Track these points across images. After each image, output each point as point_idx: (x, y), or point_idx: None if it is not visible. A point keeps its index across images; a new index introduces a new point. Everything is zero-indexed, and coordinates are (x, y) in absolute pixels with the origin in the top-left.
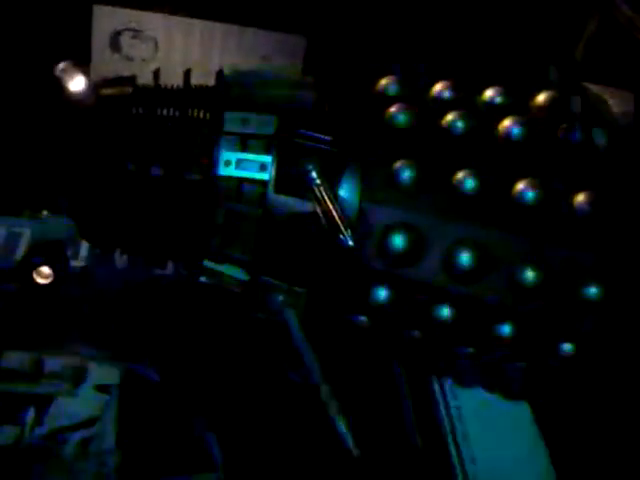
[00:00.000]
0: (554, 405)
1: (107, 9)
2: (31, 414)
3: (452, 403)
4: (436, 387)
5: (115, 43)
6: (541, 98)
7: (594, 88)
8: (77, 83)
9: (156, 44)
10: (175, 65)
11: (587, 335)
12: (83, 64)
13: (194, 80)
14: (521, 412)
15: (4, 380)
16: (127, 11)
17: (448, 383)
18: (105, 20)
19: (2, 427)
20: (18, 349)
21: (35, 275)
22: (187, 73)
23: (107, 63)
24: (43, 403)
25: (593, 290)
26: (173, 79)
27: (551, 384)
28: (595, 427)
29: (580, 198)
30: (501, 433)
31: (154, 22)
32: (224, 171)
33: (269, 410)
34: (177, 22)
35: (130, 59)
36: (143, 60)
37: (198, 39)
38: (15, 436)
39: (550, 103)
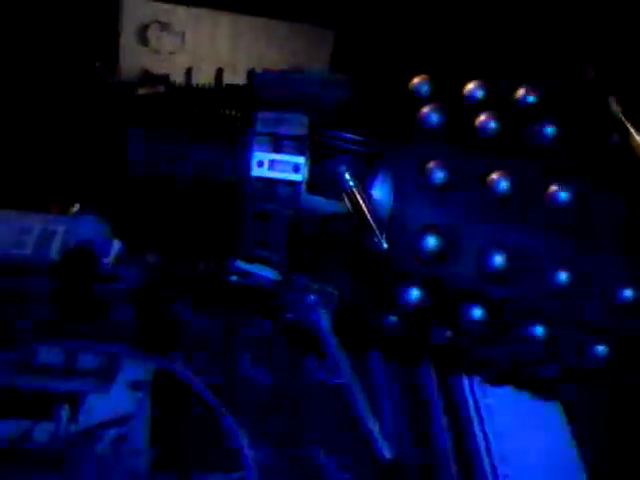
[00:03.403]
0: (586, 404)
1: (136, 2)
2: (65, 411)
3: (482, 402)
4: (466, 385)
5: (143, 36)
6: (576, 98)
7: None
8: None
9: (183, 37)
10: (202, 58)
11: (621, 337)
12: (111, 57)
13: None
14: (552, 411)
15: (38, 376)
16: (155, 4)
17: (477, 381)
18: (133, 13)
19: (38, 424)
20: (52, 346)
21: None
22: (219, 72)
23: (135, 56)
24: (77, 400)
25: (628, 293)
26: (200, 72)
27: (584, 385)
28: (627, 427)
29: (614, 201)
30: (532, 432)
31: (182, 15)
32: (257, 172)
33: (299, 410)
34: (204, 15)
35: (157, 52)
36: (170, 53)
37: (225, 32)
38: (50, 433)
39: (586, 103)
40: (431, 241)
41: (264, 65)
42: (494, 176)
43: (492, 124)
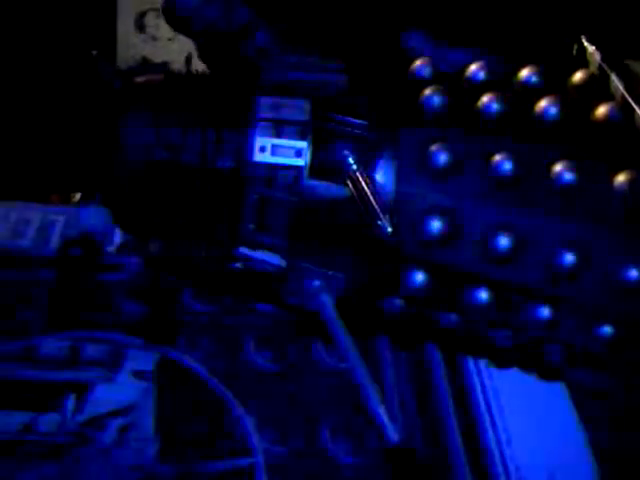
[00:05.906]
0: (591, 386)
1: None
2: (71, 402)
3: (488, 384)
4: (472, 368)
5: (140, 23)
6: (578, 77)
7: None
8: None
9: None
10: None
11: (626, 318)
12: (109, 45)
13: None
14: (557, 394)
15: (43, 367)
16: None
17: (484, 364)
18: (130, 0)
19: (44, 414)
20: (56, 337)
21: None
22: None
23: (132, 43)
24: (83, 391)
25: (634, 273)
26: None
27: (589, 368)
28: (632, 409)
29: (620, 179)
30: (537, 415)
31: None
32: (259, 157)
33: (305, 395)
34: None
35: (155, 39)
36: (168, 39)
37: None
38: (57, 423)
39: (588, 82)
40: (435, 224)
41: None
42: (497, 158)
43: (494, 105)
